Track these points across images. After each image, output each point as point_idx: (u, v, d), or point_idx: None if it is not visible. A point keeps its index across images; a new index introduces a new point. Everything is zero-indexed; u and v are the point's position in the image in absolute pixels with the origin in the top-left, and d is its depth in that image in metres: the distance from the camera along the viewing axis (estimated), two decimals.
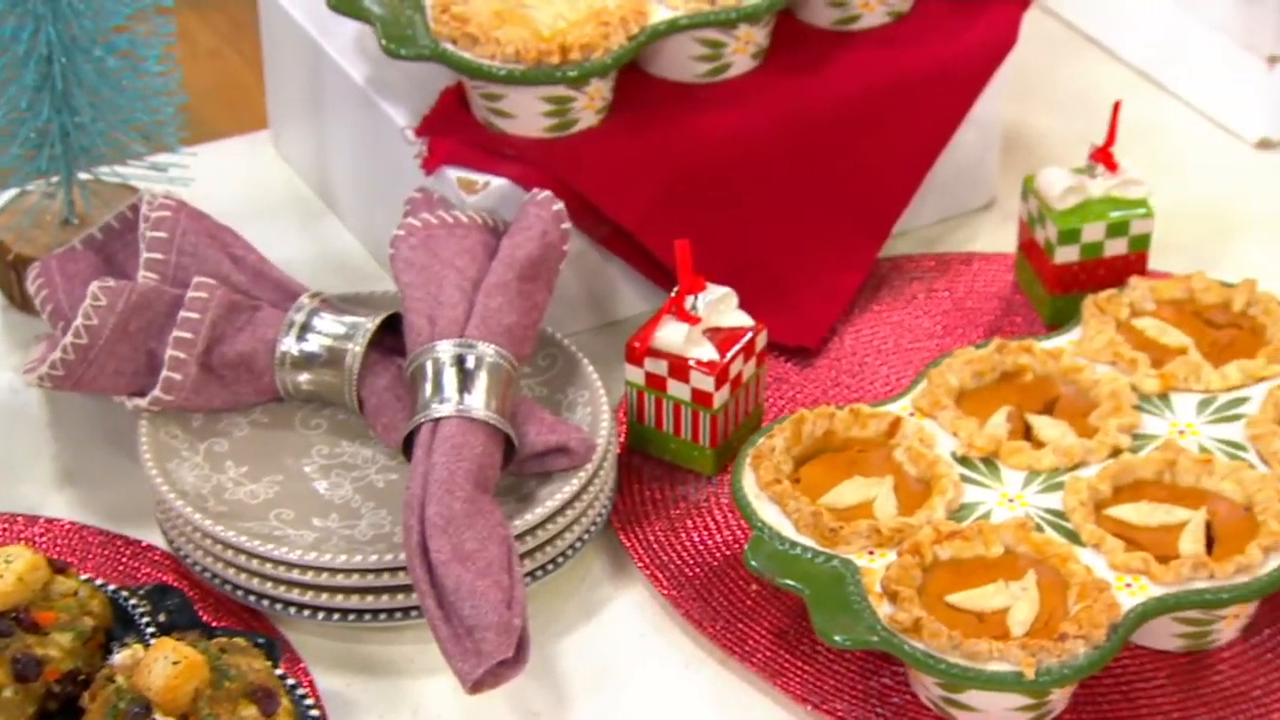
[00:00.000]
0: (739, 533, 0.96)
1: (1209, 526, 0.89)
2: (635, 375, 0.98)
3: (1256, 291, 1.00)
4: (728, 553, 0.95)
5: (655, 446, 0.99)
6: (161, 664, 0.76)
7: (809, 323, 1.07)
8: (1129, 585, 0.86)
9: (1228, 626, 0.89)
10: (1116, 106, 1.06)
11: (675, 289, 0.98)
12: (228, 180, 1.19)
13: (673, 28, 1.05)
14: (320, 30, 1.11)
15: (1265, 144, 1.20)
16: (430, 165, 1.03)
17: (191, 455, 0.93)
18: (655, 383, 0.98)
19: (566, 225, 0.99)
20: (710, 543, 0.95)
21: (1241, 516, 0.89)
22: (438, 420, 0.90)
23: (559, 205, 0.99)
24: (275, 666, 0.80)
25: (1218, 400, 0.96)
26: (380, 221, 1.10)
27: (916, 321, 1.08)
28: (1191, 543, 0.88)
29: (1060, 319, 1.06)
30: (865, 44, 1.11)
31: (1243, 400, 0.95)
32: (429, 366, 0.92)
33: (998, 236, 1.15)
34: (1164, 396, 0.96)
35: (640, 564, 0.94)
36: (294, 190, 1.19)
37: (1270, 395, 0.94)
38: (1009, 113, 1.20)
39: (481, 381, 0.91)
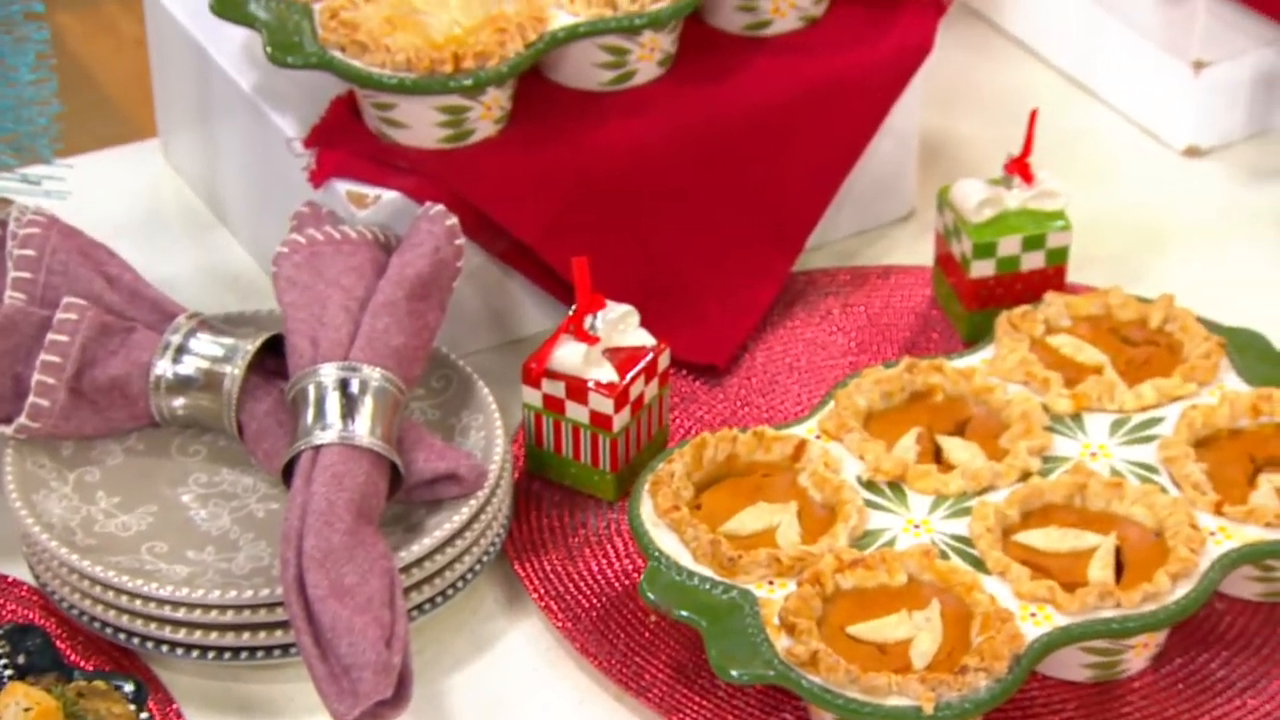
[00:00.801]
0: (639, 562, 0.95)
1: (1119, 552, 0.89)
2: (532, 397, 0.98)
3: (1174, 307, 1.00)
4: (627, 583, 0.94)
5: (554, 471, 0.99)
6: (13, 710, 0.74)
7: (718, 339, 1.07)
8: (1034, 615, 0.86)
9: (1137, 656, 0.89)
10: (1033, 116, 1.05)
11: (573, 307, 0.98)
12: (115, 191, 1.17)
13: (573, 35, 1.04)
14: (207, 36, 1.10)
15: (1192, 151, 1.20)
16: (318, 178, 1.02)
17: (60, 485, 0.92)
18: (553, 405, 0.97)
19: (460, 241, 0.98)
20: (610, 573, 0.95)
21: (1152, 542, 0.89)
22: (319, 447, 0.89)
23: (452, 220, 0.98)
24: (141, 710, 0.79)
25: (1131, 420, 0.95)
26: (272, 235, 1.09)
27: (830, 338, 1.08)
28: (1100, 569, 0.88)
29: (978, 335, 1.06)
30: (776, 50, 1.10)
31: (1157, 421, 0.95)
32: (311, 391, 0.91)
33: (916, 249, 1.15)
34: (1077, 417, 0.96)
35: (535, 595, 0.93)
36: (184, 202, 1.17)
37: (1184, 416, 0.94)
38: (930, 119, 1.20)
39: (366, 407, 0.90)
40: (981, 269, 1.05)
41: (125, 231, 1.15)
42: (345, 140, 1.03)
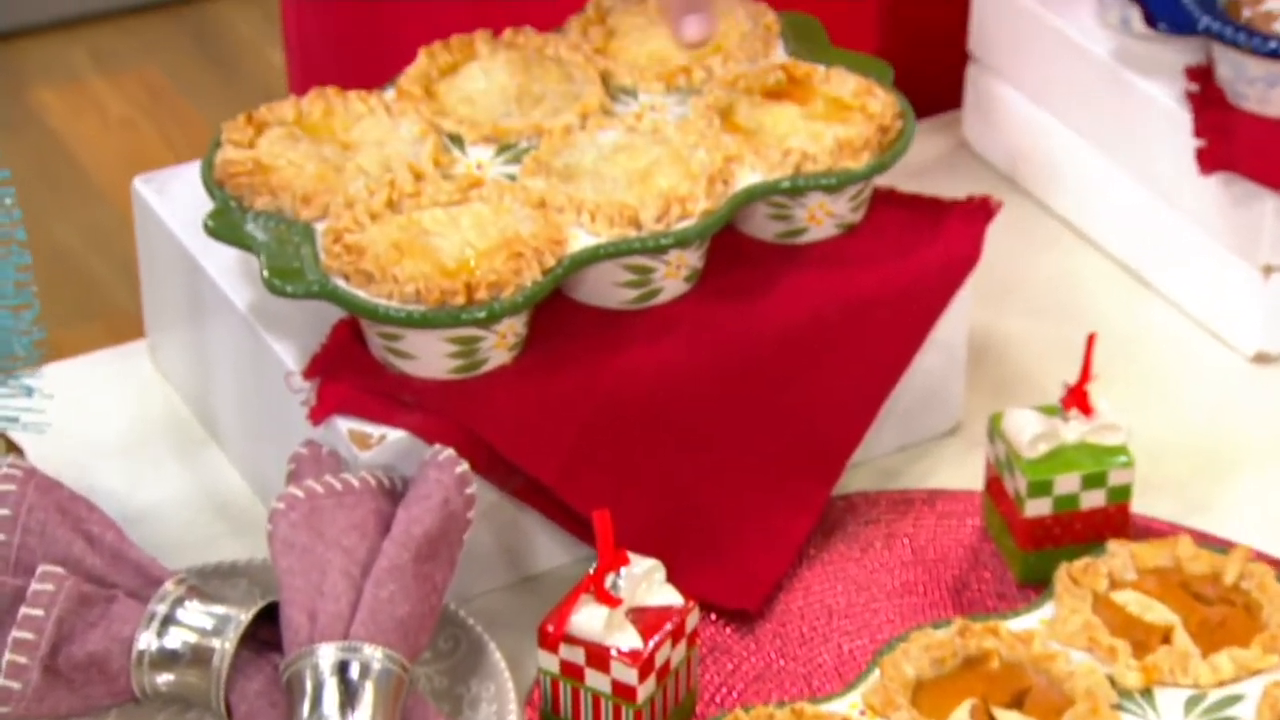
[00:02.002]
0: None
1: None
2: (549, 662, 0.92)
3: (1250, 564, 0.95)
4: None
5: None
6: None
7: (751, 580, 1.01)
8: None
9: None
10: (1090, 340, 1.00)
11: (594, 566, 0.93)
12: (100, 402, 1.12)
13: (594, 257, 0.99)
14: (200, 247, 1.05)
15: (1262, 358, 1.15)
16: (318, 415, 0.97)
17: None
18: (571, 671, 0.92)
19: (471, 490, 0.93)
20: None
21: None
22: None
23: (462, 467, 0.93)
24: None
25: (1208, 699, 0.90)
26: (267, 457, 1.04)
27: (873, 577, 1.02)
28: None
29: (1034, 576, 1.01)
30: (812, 261, 1.05)
31: (1236, 699, 0.90)
32: (307, 676, 0.86)
33: (964, 466, 1.10)
34: (1147, 692, 0.90)
35: None
36: (172, 412, 1.12)
37: (1267, 695, 0.89)
38: (974, 313, 1.15)
39: (367, 695, 0.85)
40: (1037, 508, 1.00)
41: (111, 449, 1.10)
42: (348, 371, 0.98)
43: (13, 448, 1.03)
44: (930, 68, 1.31)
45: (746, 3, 1.13)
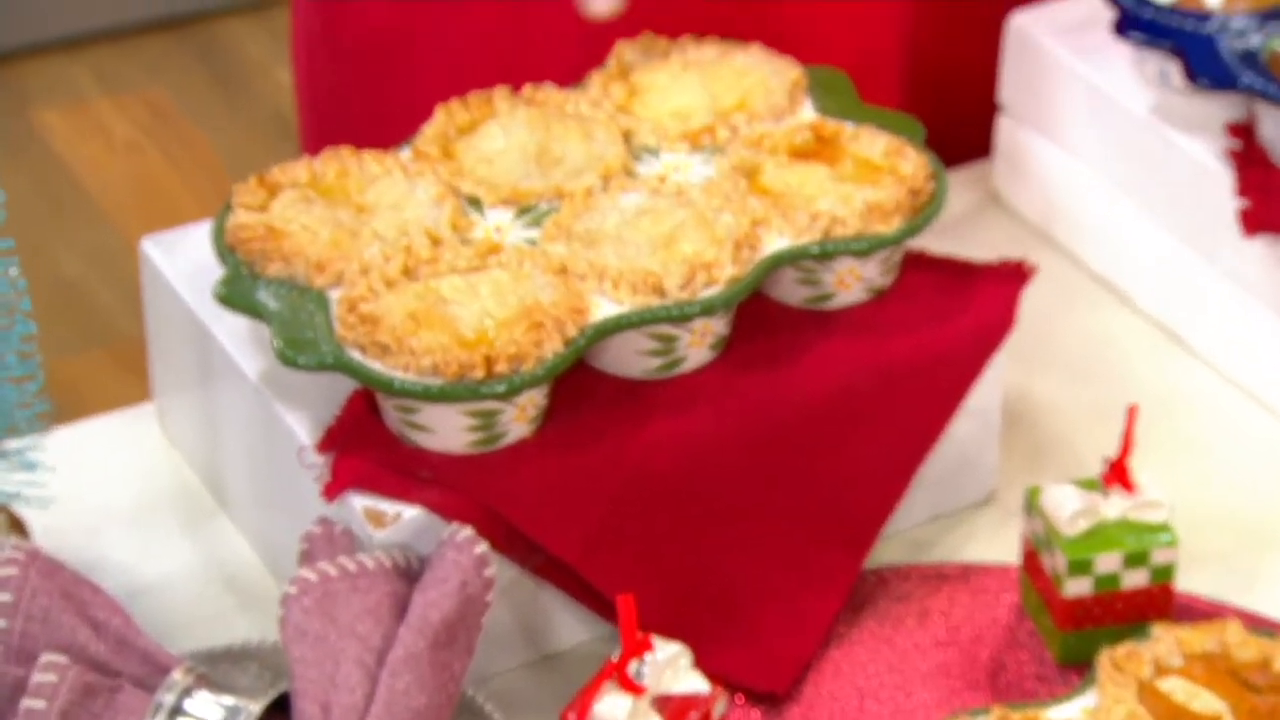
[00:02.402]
0: None
1: None
2: None
3: None
4: None
5: None
6: None
7: (779, 661, 0.98)
8: None
9: None
10: (1132, 413, 0.98)
11: (617, 649, 0.90)
12: (107, 470, 1.09)
13: (617, 326, 0.97)
14: (210, 313, 1.02)
15: None
16: (332, 491, 0.94)
17: None
18: None
19: (490, 572, 0.90)
20: None
21: None
22: None
23: (481, 547, 0.90)
24: None
25: None
26: (279, 529, 1.02)
27: (906, 660, 0.99)
28: None
29: (1074, 656, 0.98)
30: (841, 327, 1.02)
31: None
32: None
33: (998, 537, 1.07)
34: None
35: None
36: (181, 480, 1.10)
37: None
38: (1007, 375, 1.12)
39: None
40: (1077, 587, 0.97)
41: (118, 518, 1.07)
42: (363, 444, 0.95)
43: (16, 522, 1.00)
44: (957, 115, 1.29)
45: (773, 58, 1.10)
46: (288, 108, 3.09)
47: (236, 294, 0.97)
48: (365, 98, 1.24)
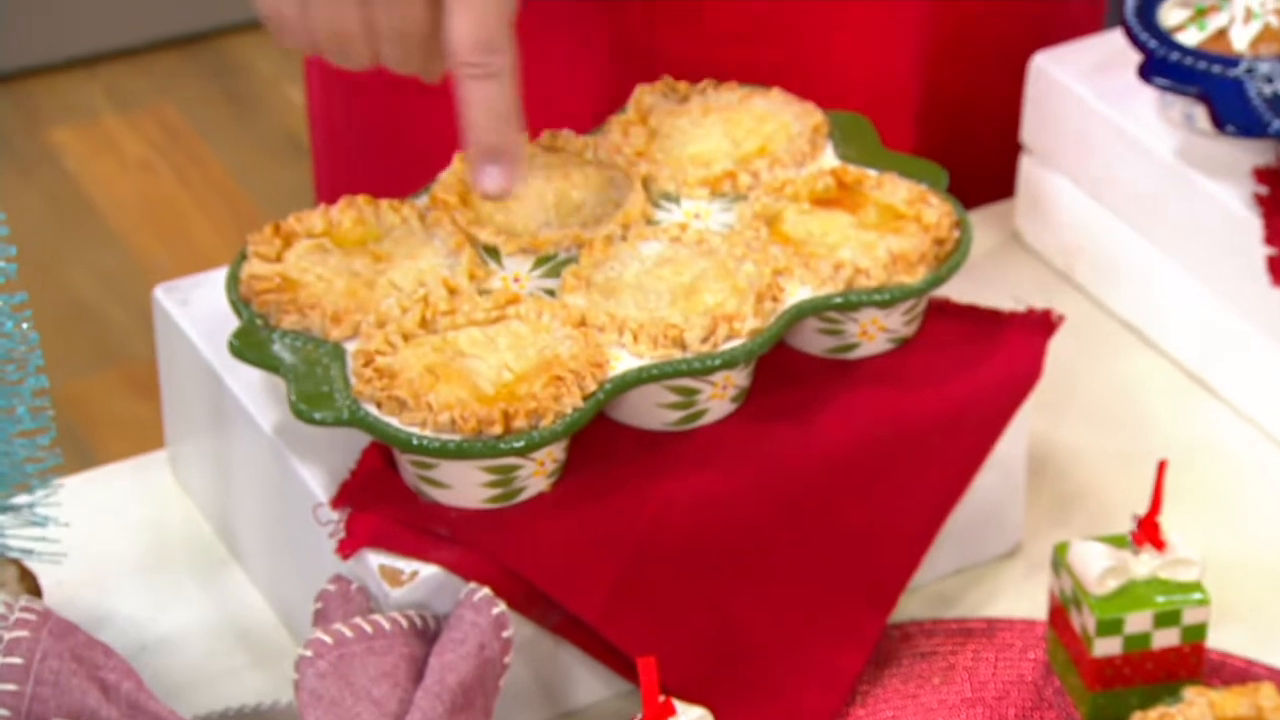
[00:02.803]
0: None
1: None
2: None
3: None
4: None
5: None
6: None
7: (802, 719, 0.97)
8: None
9: None
10: (1161, 468, 0.96)
11: (639, 717, 0.88)
12: (119, 519, 1.08)
13: (638, 380, 0.95)
14: (224, 363, 1.00)
15: None
16: (347, 549, 0.93)
17: None
18: None
19: (508, 634, 0.89)
20: None
21: None
22: None
23: (499, 608, 0.89)
24: None
25: None
26: (292, 582, 1.00)
27: (931, 718, 0.97)
28: None
29: (1102, 717, 0.96)
30: (864, 378, 1.01)
31: None
32: None
33: (1024, 592, 1.05)
34: None
35: None
36: (193, 529, 1.08)
37: None
38: (1035, 424, 1.10)
39: None
40: (1107, 647, 0.95)
41: (129, 568, 1.05)
42: (378, 500, 0.94)
43: (26, 574, 0.98)
44: (975, 154, 1.27)
45: (794, 102, 1.08)
46: (299, 126, 3.08)
47: (251, 347, 0.95)
48: (377, 122, 1.22)
